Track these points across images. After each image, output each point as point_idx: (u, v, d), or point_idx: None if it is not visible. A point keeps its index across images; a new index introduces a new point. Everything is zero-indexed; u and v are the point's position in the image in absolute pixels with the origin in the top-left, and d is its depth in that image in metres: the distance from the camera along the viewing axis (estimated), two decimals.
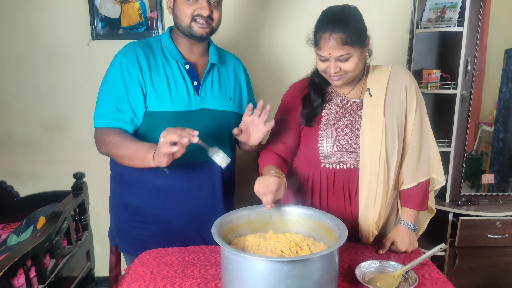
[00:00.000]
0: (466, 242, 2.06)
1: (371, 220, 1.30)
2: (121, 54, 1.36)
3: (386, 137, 1.26)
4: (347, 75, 1.25)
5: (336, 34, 1.17)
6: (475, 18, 2.00)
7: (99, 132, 1.34)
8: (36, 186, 2.33)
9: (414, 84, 1.32)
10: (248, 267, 0.95)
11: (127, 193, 1.43)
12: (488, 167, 2.31)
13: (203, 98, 1.38)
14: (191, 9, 1.30)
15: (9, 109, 2.28)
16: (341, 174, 1.30)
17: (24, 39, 2.21)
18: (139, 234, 1.43)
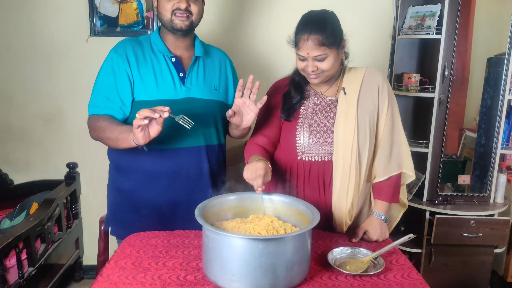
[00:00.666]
0: (441, 239, 2.15)
1: (344, 209, 1.39)
2: (113, 51, 1.49)
3: (358, 132, 1.35)
4: (324, 74, 1.34)
5: (313, 36, 1.27)
6: (452, 26, 2.12)
7: (90, 119, 1.47)
8: (31, 175, 2.41)
9: (387, 85, 1.42)
10: (226, 244, 1.04)
11: (121, 179, 1.53)
12: (471, 172, 2.39)
13: (189, 88, 1.48)
14: (170, 4, 1.42)
15: (8, 102, 2.36)
16: (316, 166, 1.40)
17: (25, 34, 2.30)
18: (129, 219, 1.52)
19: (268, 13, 2.33)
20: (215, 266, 1.06)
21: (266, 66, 2.36)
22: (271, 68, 2.35)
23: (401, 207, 1.57)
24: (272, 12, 2.33)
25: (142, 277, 1.12)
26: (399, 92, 2.32)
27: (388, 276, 1.16)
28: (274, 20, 2.33)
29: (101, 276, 1.13)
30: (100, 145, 2.39)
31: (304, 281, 1.11)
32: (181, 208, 1.49)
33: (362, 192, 1.42)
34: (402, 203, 1.55)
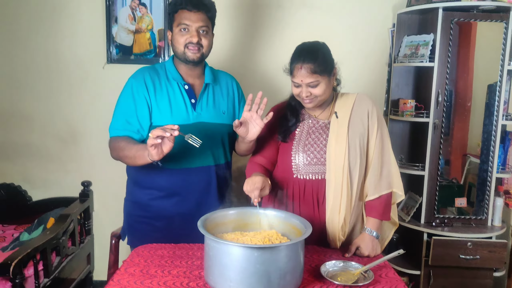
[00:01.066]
0: (438, 261, 2.20)
1: (337, 225, 1.49)
2: (132, 78, 1.65)
3: (349, 152, 1.47)
4: (317, 99, 1.48)
5: (306, 65, 1.42)
6: (444, 55, 2.25)
7: (111, 141, 1.60)
8: (48, 192, 2.56)
9: (376, 110, 1.54)
10: (225, 252, 1.15)
11: (137, 192, 1.68)
12: (475, 197, 2.41)
13: (199, 113, 1.63)
14: (183, 38, 1.58)
15: (30, 123, 2.55)
16: (311, 183, 1.52)
17: (48, 60, 2.50)
18: (144, 229, 1.66)
19: (273, 41, 2.50)
20: (215, 272, 1.17)
21: (271, 87, 2.51)
22: (275, 89, 2.49)
23: (392, 225, 1.66)
24: (276, 40, 2.50)
25: (149, 282, 1.23)
26: (395, 117, 2.44)
27: (376, 287, 1.25)
28: (279, 47, 2.49)
29: (112, 281, 1.24)
30: (112, 165, 2.56)
31: None
32: (191, 221, 1.59)
33: (354, 210, 1.52)
34: (393, 221, 1.65)
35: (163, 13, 2.43)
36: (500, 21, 2.25)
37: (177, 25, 1.58)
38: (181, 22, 1.57)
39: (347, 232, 1.53)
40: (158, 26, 2.45)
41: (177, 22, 1.59)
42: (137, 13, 2.44)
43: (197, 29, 1.58)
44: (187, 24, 1.57)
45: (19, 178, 2.58)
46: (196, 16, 1.57)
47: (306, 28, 2.48)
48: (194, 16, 1.57)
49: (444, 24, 2.24)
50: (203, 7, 1.58)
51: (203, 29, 1.59)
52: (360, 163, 1.49)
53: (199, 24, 1.57)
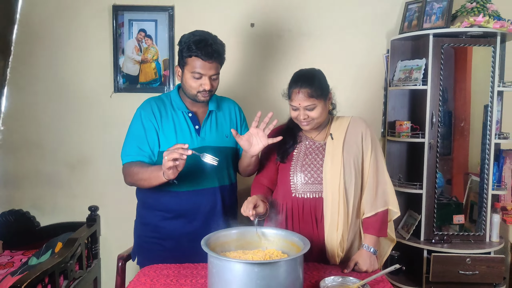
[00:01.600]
0: (439, 277, 2.23)
1: (335, 242, 1.55)
2: (141, 108, 1.76)
3: (344, 172, 1.55)
4: (314, 122, 1.58)
5: (304, 89, 1.53)
6: (436, 78, 2.36)
7: (125, 167, 1.69)
8: (56, 217, 2.62)
9: (370, 132, 1.63)
10: (227, 268, 1.21)
11: (147, 214, 1.76)
12: (477, 215, 2.45)
13: (203, 138, 1.73)
14: (196, 84, 1.65)
15: (40, 150, 2.64)
16: (308, 202, 1.59)
17: (58, 90, 2.61)
18: (153, 249, 1.73)
19: (274, 67, 2.62)
20: None
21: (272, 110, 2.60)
22: (276, 112, 2.59)
23: (390, 242, 1.73)
24: (276, 66, 2.62)
25: None
26: (392, 138, 2.53)
27: None
28: (279, 73, 2.60)
29: None
30: (119, 190, 2.66)
31: None
32: (199, 240, 1.65)
33: (352, 227, 1.59)
34: (391, 238, 1.71)
35: (167, 44, 2.57)
36: (488, 45, 2.37)
37: (190, 70, 1.64)
38: (195, 70, 1.62)
39: (346, 248, 1.59)
40: (163, 56, 2.59)
41: (190, 67, 1.63)
42: (143, 44, 2.58)
43: (210, 77, 1.65)
44: (201, 73, 1.63)
45: (28, 205, 2.65)
46: (210, 65, 1.62)
47: (305, 55, 2.60)
48: (208, 66, 1.62)
49: (435, 49, 2.36)
50: (217, 57, 1.63)
51: (215, 76, 1.68)
52: (355, 181, 1.57)
53: (212, 72, 1.64)
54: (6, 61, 1.56)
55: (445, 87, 2.41)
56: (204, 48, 1.60)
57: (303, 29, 2.61)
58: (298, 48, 2.62)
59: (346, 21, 2.61)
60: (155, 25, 2.56)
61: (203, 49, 1.60)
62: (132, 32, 2.57)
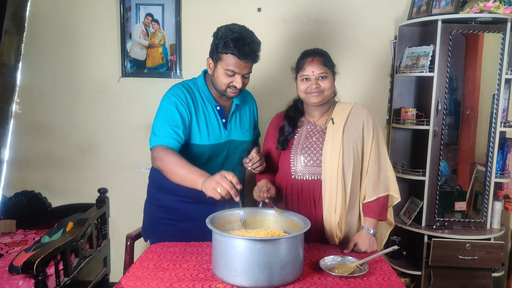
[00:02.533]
0: (438, 262, 2.27)
1: (334, 223, 1.60)
2: (172, 94, 1.67)
3: (343, 155, 1.59)
4: (324, 93, 1.62)
5: (317, 58, 1.62)
6: (443, 65, 2.35)
7: (158, 149, 1.57)
8: (66, 199, 2.71)
9: (372, 119, 1.66)
10: (230, 245, 1.26)
11: (163, 197, 1.79)
12: (480, 204, 2.44)
13: (230, 132, 1.76)
14: (228, 80, 1.63)
15: (50, 133, 2.71)
16: (307, 184, 1.64)
17: (68, 75, 2.67)
18: (168, 229, 1.77)
19: (279, 51, 2.63)
20: (221, 264, 1.28)
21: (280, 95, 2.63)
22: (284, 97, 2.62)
23: (389, 226, 1.78)
24: (281, 51, 2.63)
25: (161, 274, 1.35)
26: (397, 125, 2.54)
27: (371, 278, 1.34)
28: (284, 57, 2.59)
29: (128, 273, 1.36)
30: (127, 173, 2.72)
31: (297, 280, 1.31)
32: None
33: (350, 209, 1.63)
34: (389, 222, 1.76)
35: (174, 29, 2.59)
36: (497, 32, 2.35)
37: (224, 67, 1.61)
38: (229, 68, 1.59)
39: (344, 230, 1.64)
40: (170, 41, 2.62)
41: (224, 64, 1.60)
42: (150, 29, 2.61)
43: (243, 75, 1.63)
44: (235, 71, 1.60)
45: (40, 186, 2.74)
46: (245, 65, 1.60)
47: (312, 41, 2.59)
48: (243, 65, 1.60)
49: (443, 35, 2.35)
50: (252, 57, 1.61)
51: (247, 75, 1.66)
52: (354, 166, 1.61)
53: (246, 71, 1.63)
54: (21, 36, 1.58)
55: (453, 74, 2.40)
56: (241, 47, 1.56)
57: (310, 14, 2.62)
58: (305, 33, 2.63)
59: (354, 6, 2.61)
60: (162, 10, 2.59)
61: (241, 48, 1.56)
62: (139, 17, 2.60)
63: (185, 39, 2.62)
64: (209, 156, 1.71)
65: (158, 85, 2.56)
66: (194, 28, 2.61)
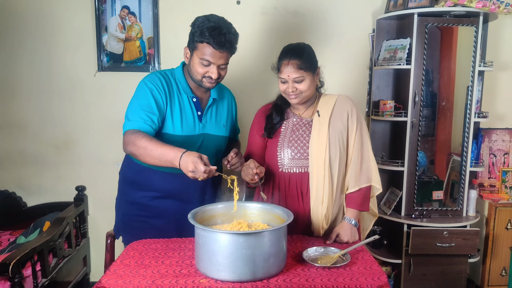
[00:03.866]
0: (418, 250, 2.33)
1: (320, 215, 1.61)
2: (149, 80, 1.65)
3: (330, 148, 1.60)
4: (302, 95, 1.61)
5: (293, 61, 1.56)
6: (420, 57, 2.39)
7: (129, 133, 1.54)
8: (43, 198, 2.63)
9: (356, 110, 1.67)
10: (213, 239, 1.25)
11: (135, 193, 1.75)
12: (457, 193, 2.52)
13: (204, 125, 1.73)
14: (203, 70, 1.61)
15: (23, 130, 2.63)
16: (295, 177, 1.64)
17: (40, 69, 2.59)
18: (141, 227, 1.74)
19: (259, 45, 2.62)
20: (204, 259, 1.27)
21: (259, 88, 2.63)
22: (264, 89, 2.61)
23: (372, 216, 1.80)
24: (261, 44, 2.62)
25: (143, 271, 1.33)
26: (376, 117, 2.57)
27: (353, 268, 1.36)
28: (264, 51, 2.60)
29: (109, 271, 1.33)
30: (104, 170, 2.67)
31: (280, 272, 1.31)
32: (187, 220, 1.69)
33: (336, 201, 1.65)
34: (373, 213, 1.78)
35: (152, 22, 2.54)
36: (470, 25, 2.41)
37: (199, 56, 1.59)
38: (204, 57, 1.58)
39: (330, 221, 1.65)
40: (147, 34, 2.56)
41: (199, 53, 1.59)
42: (127, 22, 2.55)
43: (218, 66, 1.61)
44: (210, 61, 1.59)
45: (14, 185, 2.65)
46: (220, 55, 1.58)
47: (290, 34, 2.61)
48: (218, 55, 1.58)
49: (419, 28, 2.39)
50: (228, 47, 1.59)
51: (224, 66, 1.64)
52: (340, 157, 1.62)
53: (221, 62, 1.61)
54: None
55: (429, 67, 2.45)
56: (217, 37, 1.55)
57: (288, 7, 2.61)
58: (284, 26, 2.62)
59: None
60: (138, 2, 2.53)
61: (216, 37, 1.55)
62: (115, 9, 2.53)
63: (163, 32, 2.57)
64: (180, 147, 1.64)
65: (135, 79, 2.43)
66: (172, 21, 2.56)
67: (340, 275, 1.30)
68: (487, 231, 2.57)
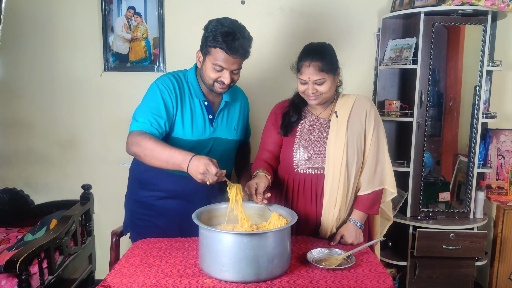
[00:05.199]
0: (423, 252, 2.31)
1: (332, 217, 1.59)
2: (161, 82, 1.64)
3: (347, 150, 1.57)
4: (322, 96, 1.59)
5: (314, 63, 1.53)
6: (426, 57, 2.37)
7: (135, 134, 1.52)
8: (49, 196, 2.66)
9: (374, 111, 1.64)
10: (217, 239, 1.25)
11: (141, 192, 1.76)
12: (463, 194, 2.49)
13: (215, 129, 1.72)
14: (215, 75, 1.59)
15: (30, 129, 2.65)
16: (310, 178, 1.62)
17: (47, 69, 2.61)
18: (146, 226, 1.75)
19: (266, 45, 2.60)
20: (208, 259, 1.28)
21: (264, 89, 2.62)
22: (267, 90, 2.61)
23: (387, 221, 1.78)
24: (267, 45, 2.61)
25: (147, 270, 1.34)
26: (382, 117, 2.51)
27: (358, 270, 1.35)
28: (269, 51, 2.59)
29: (114, 269, 1.34)
30: (110, 169, 2.68)
31: (284, 273, 1.31)
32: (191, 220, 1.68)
33: (349, 205, 1.63)
34: (388, 217, 1.76)
35: (157, 22, 2.55)
36: (478, 24, 2.38)
37: (212, 61, 1.57)
38: (217, 62, 1.56)
39: (340, 224, 1.63)
40: (153, 35, 2.57)
41: (212, 58, 1.57)
42: (132, 22, 2.56)
43: (231, 71, 1.59)
44: (223, 66, 1.57)
45: (21, 183, 2.68)
46: (233, 60, 1.56)
47: (295, 34, 2.60)
48: (231, 60, 1.56)
49: (425, 27, 2.36)
50: (242, 53, 1.58)
51: (236, 71, 1.61)
52: (357, 160, 1.59)
53: (234, 67, 1.59)
54: None
55: (436, 67, 2.43)
56: (230, 42, 1.53)
57: (293, 7, 2.60)
58: (289, 26, 2.61)
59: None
60: (144, 2, 2.54)
61: (230, 43, 1.53)
62: (121, 10, 2.54)
63: (168, 32, 2.58)
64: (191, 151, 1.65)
65: (141, 79, 2.52)
66: (178, 21, 2.57)
67: (345, 277, 1.30)
68: (495, 234, 2.54)
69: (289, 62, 1.66)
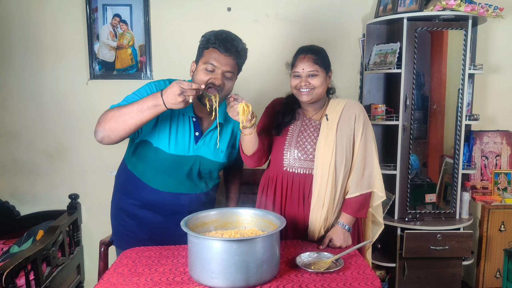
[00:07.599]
0: (411, 253, 2.34)
1: (319, 219, 1.61)
2: (154, 84, 1.61)
3: (336, 152, 1.61)
4: (314, 92, 1.62)
5: (309, 55, 1.62)
6: (410, 61, 2.42)
7: (102, 114, 1.50)
8: (36, 207, 2.62)
9: (363, 115, 1.68)
10: (206, 246, 1.25)
11: (123, 199, 1.75)
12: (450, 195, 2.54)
13: (200, 147, 1.66)
14: (207, 77, 1.55)
15: (16, 139, 2.62)
16: (298, 177, 1.65)
17: (32, 78, 2.59)
18: (128, 234, 1.74)
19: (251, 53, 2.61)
20: (197, 266, 1.27)
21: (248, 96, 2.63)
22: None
23: (378, 226, 1.80)
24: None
25: (137, 279, 1.33)
26: None
27: (346, 273, 1.36)
28: (256, 58, 2.60)
29: (102, 279, 1.33)
30: (98, 178, 2.65)
31: (274, 278, 1.32)
32: (170, 233, 1.64)
33: (337, 207, 1.65)
34: (378, 222, 1.79)
35: (143, 30, 2.55)
36: (460, 28, 2.43)
37: (204, 62, 1.56)
38: (209, 61, 1.54)
39: (328, 226, 1.65)
40: (139, 42, 2.57)
41: (205, 58, 1.56)
42: (118, 30, 2.56)
43: (223, 73, 1.56)
44: (215, 65, 1.54)
45: (6, 194, 2.64)
46: (226, 59, 1.55)
47: (282, 40, 2.63)
48: (224, 59, 1.55)
49: (408, 33, 2.41)
50: (235, 53, 1.57)
51: (229, 74, 1.58)
52: (346, 162, 1.63)
53: (226, 68, 1.56)
54: None
55: (420, 70, 2.48)
56: (223, 41, 1.54)
57: (279, 14, 2.63)
58: (275, 33, 2.64)
59: (322, 5, 2.64)
60: (130, 10, 2.54)
61: (223, 41, 1.54)
62: (107, 17, 2.54)
63: (154, 40, 2.58)
64: (170, 166, 1.64)
65: (128, 86, 2.46)
66: (164, 28, 2.57)
67: (334, 280, 1.31)
68: (481, 233, 2.59)
69: (276, 69, 1.69)
